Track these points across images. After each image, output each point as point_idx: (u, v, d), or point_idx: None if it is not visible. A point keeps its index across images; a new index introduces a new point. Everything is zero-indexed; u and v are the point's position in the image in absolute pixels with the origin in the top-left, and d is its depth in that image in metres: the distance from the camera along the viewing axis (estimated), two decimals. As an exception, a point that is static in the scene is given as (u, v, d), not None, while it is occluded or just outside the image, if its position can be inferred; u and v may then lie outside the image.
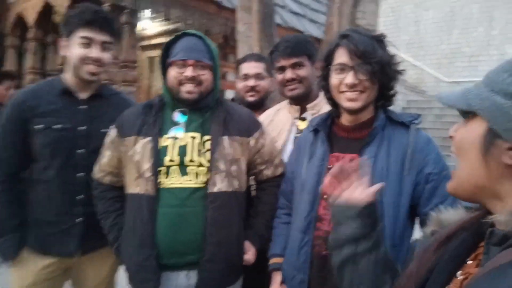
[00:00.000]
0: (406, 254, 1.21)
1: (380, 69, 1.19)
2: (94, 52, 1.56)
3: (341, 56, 1.22)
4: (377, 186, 0.89)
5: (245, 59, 2.10)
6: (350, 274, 0.82)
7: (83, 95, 1.62)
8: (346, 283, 0.84)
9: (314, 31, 7.07)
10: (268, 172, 1.56)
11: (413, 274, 0.68)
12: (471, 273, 0.61)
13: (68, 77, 1.62)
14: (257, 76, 2.00)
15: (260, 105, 2.00)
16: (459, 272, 0.63)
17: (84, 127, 1.58)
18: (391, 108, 1.34)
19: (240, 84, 2.05)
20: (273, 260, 1.43)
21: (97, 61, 1.57)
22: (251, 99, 1.99)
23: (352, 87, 1.20)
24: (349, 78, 1.19)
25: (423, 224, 1.22)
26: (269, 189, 1.57)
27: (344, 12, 4.93)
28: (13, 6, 6.22)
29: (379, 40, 1.23)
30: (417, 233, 1.24)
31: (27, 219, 1.58)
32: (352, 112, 1.25)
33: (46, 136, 1.53)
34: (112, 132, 1.49)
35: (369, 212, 0.85)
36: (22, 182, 1.60)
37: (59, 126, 1.54)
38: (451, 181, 0.67)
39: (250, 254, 1.49)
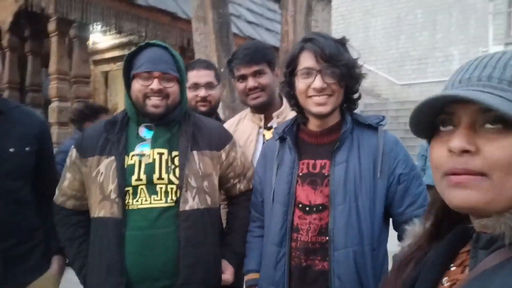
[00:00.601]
0: (384, 257, 1.21)
1: (347, 72, 1.18)
2: None
3: (307, 60, 1.20)
4: None
5: (193, 67, 1.92)
6: None
7: None
8: None
9: (270, 39, 7.17)
10: (241, 186, 1.51)
11: (393, 285, 0.66)
12: (458, 279, 0.59)
13: None
14: (208, 85, 1.89)
15: (210, 115, 1.89)
16: (445, 279, 0.62)
17: None
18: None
19: (189, 94, 1.86)
20: (249, 276, 1.38)
21: None
22: (202, 109, 1.88)
23: (320, 91, 1.18)
24: (317, 82, 1.17)
25: (396, 225, 1.23)
26: (243, 203, 1.51)
27: (298, 20, 5.03)
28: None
29: (342, 43, 1.23)
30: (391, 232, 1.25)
31: None
32: (321, 116, 1.23)
33: None
34: (72, 153, 1.39)
35: None
36: None
37: None
38: (479, 193, 0.53)
39: (228, 274, 1.42)
